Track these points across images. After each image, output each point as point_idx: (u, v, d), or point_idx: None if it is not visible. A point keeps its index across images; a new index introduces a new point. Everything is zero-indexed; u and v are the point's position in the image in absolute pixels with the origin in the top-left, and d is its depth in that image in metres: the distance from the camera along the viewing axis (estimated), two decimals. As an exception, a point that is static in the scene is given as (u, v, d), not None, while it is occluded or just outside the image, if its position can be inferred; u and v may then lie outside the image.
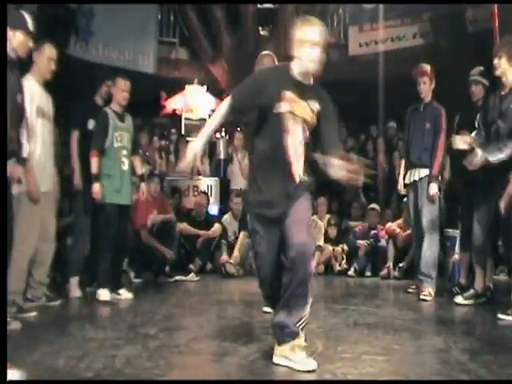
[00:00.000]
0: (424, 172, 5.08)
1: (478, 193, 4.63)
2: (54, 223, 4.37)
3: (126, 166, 4.98)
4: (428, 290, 4.96)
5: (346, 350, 3.02)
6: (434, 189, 4.97)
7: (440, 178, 5.28)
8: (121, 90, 4.97)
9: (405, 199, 6.98)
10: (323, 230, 7.47)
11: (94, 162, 4.79)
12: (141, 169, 5.29)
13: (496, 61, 4.20)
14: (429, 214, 5.05)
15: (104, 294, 4.72)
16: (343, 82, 10.83)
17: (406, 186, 5.33)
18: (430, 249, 5.04)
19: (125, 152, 4.97)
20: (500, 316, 3.97)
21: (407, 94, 5.32)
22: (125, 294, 4.91)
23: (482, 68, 5.07)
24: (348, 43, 11.57)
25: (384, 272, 6.87)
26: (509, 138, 4.10)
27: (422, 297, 4.93)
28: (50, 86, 4.30)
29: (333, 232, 7.60)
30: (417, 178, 5.13)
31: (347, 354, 2.93)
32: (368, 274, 7.12)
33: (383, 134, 9.44)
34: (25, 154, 3.56)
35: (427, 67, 5.21)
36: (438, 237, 5.20)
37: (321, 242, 7.29)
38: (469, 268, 5.09)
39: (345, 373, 2.54)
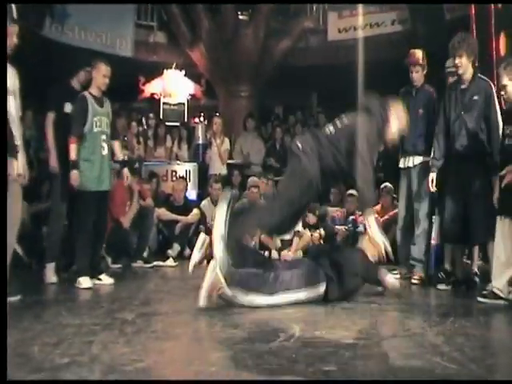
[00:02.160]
0: (419, 159, 5.07)
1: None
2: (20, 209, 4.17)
3: (105, 151, 4.93)
4: (419, 275, 5.01)
5: (323, 334, 3.04)
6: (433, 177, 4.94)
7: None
8: (102, 75, 4.90)
9: (383, 184, 7.05)
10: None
11: (73, 149, 4.73)
12: (121, 154, 5.24)
13: (457, 60, 4.48)
14: (421, 200, 5.05)
15: (85, 282, 4.65)
16: (322, 68, 10.86)
17: (399, 170, 5.30)
18: (423, 235, 5.07)
19: (104, 137, 4.92)
20: (479, 299, 4.06)
21: (386, 81, 5.33)
22: (106, 279, 4.87)
23: None
24: (327, 29, 11.56)
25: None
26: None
27: (413, 281, 4.99)
28: (22, 67, 4.19)
29: (312, 218, 7.62)
30: (411, 165, 5.12)
31: (324, 338, 2.96)
32: (346, 259, 7.16)
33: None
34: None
35: (419, 54, 5.16)
36: (431, 223, 5.20)
37: (299, 228, 7.32)
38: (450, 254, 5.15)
39: (321, 357, 2.56)
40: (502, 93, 4.00)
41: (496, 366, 2.58)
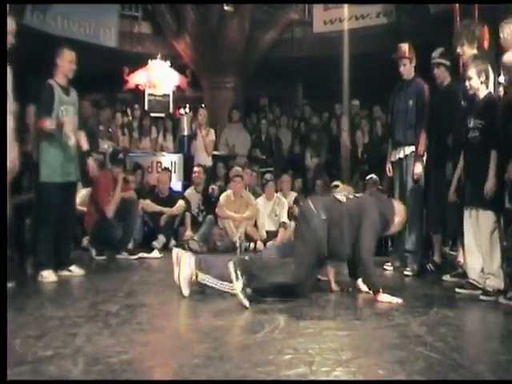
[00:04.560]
0: (409, 149, 5.05)
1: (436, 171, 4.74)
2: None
3: (72, 141, 4.70)
4: (412, 267, 4.98)
5: (308, 325, 3.05)
6: (418, 168, 4.95)
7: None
8: (67, 62, 4.71)
9: (369, 176, 7.08)
10: (287, 207, 7.50)
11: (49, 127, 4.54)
12: (87, 144, 5.01)
13: (459, 49, 4.43)
14: (413, 192, 5.03)
15: (48, 275, 4.53)
16: (307, 59, 10.85)
17: (391, 164, 5.29)
18: (415, 226, 5.04)
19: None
20: (457, 290, 4.10)
21: (371, 73, 5.33)
22: (76, 271, 4.80)
23: (442, 49, 5.10)
24: (313, 21, 11.54)
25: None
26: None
27: (405, 272, 4.97)
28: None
29: (297, 210, 7.62)
30: (402, 156, 5.10)
31: (309, 329, 2.96)
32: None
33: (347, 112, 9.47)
34: None
35: (405, 48, 5.15)
36: (423, 214, 5.18)
37: (285, 219, 7.33)
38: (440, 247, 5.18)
39: (306, 348, 2.57)
40: (467, 83, 3.99)
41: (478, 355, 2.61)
